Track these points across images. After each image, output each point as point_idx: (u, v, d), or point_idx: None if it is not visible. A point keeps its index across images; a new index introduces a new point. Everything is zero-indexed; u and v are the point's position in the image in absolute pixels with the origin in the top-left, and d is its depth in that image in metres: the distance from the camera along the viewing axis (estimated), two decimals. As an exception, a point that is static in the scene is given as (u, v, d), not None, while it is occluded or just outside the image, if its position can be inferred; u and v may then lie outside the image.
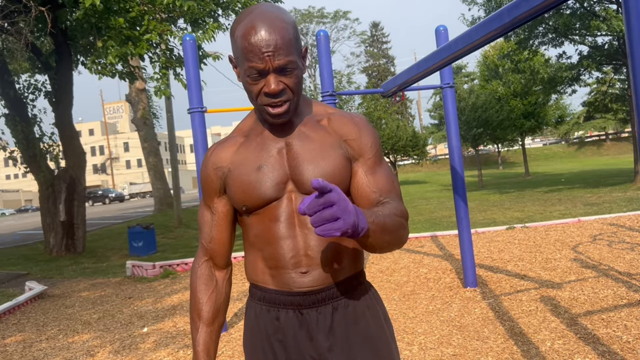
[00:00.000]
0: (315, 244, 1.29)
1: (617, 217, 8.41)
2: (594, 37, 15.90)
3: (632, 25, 1.52)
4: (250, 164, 1.32)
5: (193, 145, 4.65)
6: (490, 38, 3.33)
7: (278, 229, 1.30)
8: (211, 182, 1.40)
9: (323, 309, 1.32)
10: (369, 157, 1.34)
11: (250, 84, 1.24)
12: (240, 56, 1.23)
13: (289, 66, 1.22)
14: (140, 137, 19.48)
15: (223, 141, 1.42)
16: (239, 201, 1.33)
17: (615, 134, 53.03)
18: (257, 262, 1.37)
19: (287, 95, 1.25)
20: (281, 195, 1.31)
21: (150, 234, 11.32)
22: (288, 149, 1.32)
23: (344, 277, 1.34)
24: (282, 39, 1.19)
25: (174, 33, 6.94)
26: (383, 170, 1.35)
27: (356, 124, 1.36)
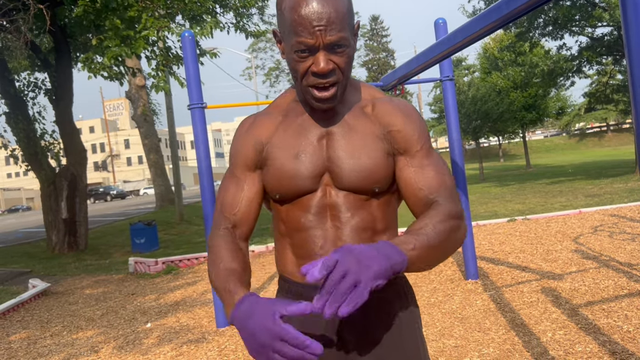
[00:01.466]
0: (347, 235, 1.21)
1: (618, 208, 8.42)
2: (594, 27, 15.85)
3: (629, 17, 1.52)
4: (289, 150, 1.23)
5: (194, 142, 4.65)
6: (489, 30, 3.33)
7: (309, 219, 1.22)
8: (247, 153, 1.28)
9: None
10: (416, 149, 1.21)
11: (296, 61, 1.12)
12: (287, 30, 1.11)
13: (341, 43, 1.09)
14: (140, 134, 19.48)
15: (261, 115, 1.31)
16: (273, 189, 1.25)
17: (616, 125, 52.94)
18: (286, 251, 1.29)
19: (337, 76, 1.13)
20: (316, 187, 1.22)
21: (152, 231, 11.34)
22: (329, 139, 1.22)
23: None
24: (336, 12, 1.07)
25: (172, 29, 6.93)
26: (433, 163, 1.22)
27: (402, 112, 1.24)
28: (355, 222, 1.21)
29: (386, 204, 1.26)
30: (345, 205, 1.21)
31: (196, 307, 5.43)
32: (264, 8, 15.98)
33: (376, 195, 1.23)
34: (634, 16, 1.50)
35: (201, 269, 7.78)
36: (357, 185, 1.20)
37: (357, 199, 1.21)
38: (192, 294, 6.08)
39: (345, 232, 1.21)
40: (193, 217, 17.19)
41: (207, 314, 5.11)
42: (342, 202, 1.21)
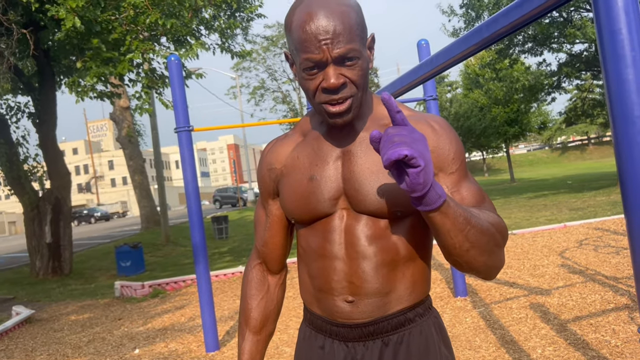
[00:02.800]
0: (364, 271, 1.12)
1: (602, 221, 8.53)
2: (572, 44, 16.21)
3: (603, 33, 1.57)
4: (303, 172, 1.17)
5: (181, 164, 4.65)
6: (471, 52, 3.39)
7: (325, 247, 1.15)
8: (265, 183, 1.29)
9: (371, 344, 1.15)
10: (451, 171, 1.11)
11: (306, 79, 1.07)
12: (295, 49, 1.06)
13: (350, 55, 1.03)
14: (125, 155, 19.37)
15: (282, 138, 1.29)
16: (288, 212, 1.22)
17: (597, 138, 53.83)
18: (306, 279, 1.24)
19: (350, 90, 1.06)
20: (333, 211, 1.15)
21: (138, 253, 11.22)
22: (345, 159, 1.14)
23: (399, 308, 1.14)
24: (343, 23, 1.02)
25: (157, 52, 6.96)
26: (470, 185, 1.12)
27: (433, 129, 1.13)
28: (372, 253, 1.12)
29: (412, 229, 1.14)
30: (364, 232, 1.12)
31: (185, 332, 5.37)
32: (247, 29, 16.11)
33: (399, 220, 1.12)
34: (607, 27, 1.56)
35: (189, 292, 7.71)
36: (375, 209, 1.10)
37: (377, 226, 1.12)
38: (180, 319, 6.02)
39: (362, 266, 1.12)
40: (179, 238, 17.05)
41: (196, 339, 5.06)
42: (360, 229, 1.12)
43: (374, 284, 1.12)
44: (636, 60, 1.56)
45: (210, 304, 4.53)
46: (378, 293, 1.12)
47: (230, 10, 9.42)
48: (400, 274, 1.13)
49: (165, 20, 6.38)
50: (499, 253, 1.04)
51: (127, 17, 6.95)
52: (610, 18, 1.55)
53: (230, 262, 10.69)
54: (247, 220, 23.06)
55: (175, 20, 6.51)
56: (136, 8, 6.62)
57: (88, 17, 6.54)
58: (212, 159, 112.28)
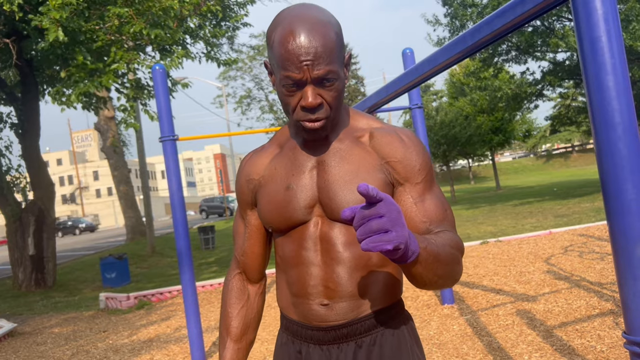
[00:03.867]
0: (338, 275, 1.16)
1: (587, 228, 8.61)
2: (555, 53, 16.44)
3: (583, 40, 1.59)
4: (280, 182, 1.22)
5: (166, 174, 4.61)
6: (455, 60, 3.42)
7: (301, 254, 1.20)
8: (243, 193, 1.33)
9: (345, 346, 1.19)
10: (417, 181, 1.16)
11: (285, 95, 1.12)
12: (276, 63, 1.11)
13: (329, 77, 1.08)
14: (110, 165, 19.21)
15: (259, 150, 1.34)
16: (265, 221, 1.25)
17: (580, 145, 54.53)
18: (283, 286, 1.28)
19: (325, 111, 1.12)
20: (308, 219, 1.19)
21: (123, 264, 11.10)
22: (320, 169, 1.19)
23: (372, 310, 1.19)
24: (324, 45, 1.06)
25: (142, 61, 6.92)
26: (434, 196, 1.18)
27: (402, 141, 1.18)
28: (346, 259, 1.16)
29: None
30: (338, 238, 1.17)
31: (171, 344, 5.31)
32: (233, 37, 16.12)
33: None
34: (589, 42, 1.57)
35: (174, 303, 7.63)
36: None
37: (350, 232, 1.17)
38: (166, 330, 5.94)
39: (336, 270, 1.16)
40: (165, 249, 16.91)
41: (182, 350, 5.00)
42: (334, 235, 1.17)
43: (348, 288, 1.16)
44: (616, 67, 1.58)
45: (196, 315, 4.48)
46: (352, 296, 1.16)
47: (216, 19, 9.41)
48: (373, 277, 1.17)
49: (150, 30, 6.35)
50: (459, 268, 1.09)
51: (112, 26, 6.91)
52: (591, 25, 1.57)
53: (217, 272, 10.62)
54: (234, 230, 22.91)
55: (160, 30, 6.48)
56: (121, 18, 6.59)
57: (72, 28, 6.49)
58: (199, 168, 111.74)
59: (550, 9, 2.16)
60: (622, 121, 1.56)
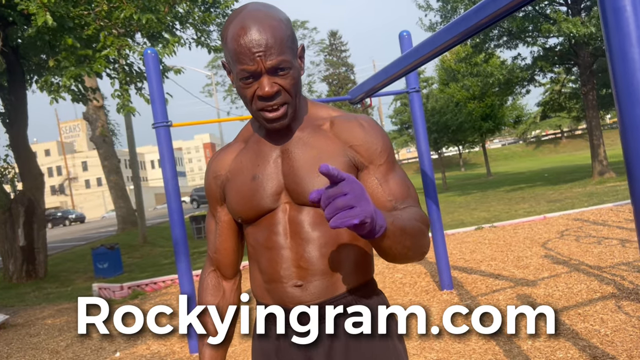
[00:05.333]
0: (309, 254, 1.20)
1: (581, 212, 8.62)
2: (546, 38, 16.39)
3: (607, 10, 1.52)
4: (246, 174, 1.26)
5: (159, 161, 4.52)
6: (457, 41, 3.34)
7: (272, 239, 1.23)
8: (212, 191, 1.36)
9: (321, 326, 1.22)
10: (380, 163, 1.23)
11: (243, 87, 1.17)
12: (231, 59, 1.17)
13: (282, 66, 1.14)
14: (99, 155, 18.98)
15: (225, 148, 1.38)
16: (235, 212, 1.29)
17: (570, 131, 54.84)
18: (256, 275, 1.31)
19: (284, 97, 1.17)
20: (276, 206, 1.24)
21: (116, 254, 11.00)
22: (284, 157, 1.24)
23: (345, 289, 1.22)
24: (274, 37, 1.13)
25: (133, 47, 6.76)
26: (397, 176, 1.24)
27: (362, 126, 1.25)
28: (316, 237, 1.20)
29: None
30: (306, 220, 1.21)
31: (168, 334, 5.24)
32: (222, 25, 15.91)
33: None
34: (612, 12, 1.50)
35: (169, 292, 7.55)
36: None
37: (318, 214, 1.20)
38: (160, 320, 5.87)
39: (307, 249, 1.20)
40: (157, 239, 16.80)
41: (179, 340, 4.93)
42: (302, 218, 1.21)
43: (319, 266, 1.19)
44: (641, 39, 1.50)
45: (193, 303, 4.40)
46: (324, 274, 1.20)
47: (205, 5, 9.24)
48: (343, 255, 1.21)
49: (141, 14, 6.19)
50: (426, 240, 1.16)
51: (101, 12, 6.75)
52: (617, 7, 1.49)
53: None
54: (225, 219, 22.84)
55: (151, 15, 6.33)
56: (110, 2, 6.42)
57: (60, 13, 6.32)
58: (188, 158, 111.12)
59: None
60: (648, 95, 1.49)
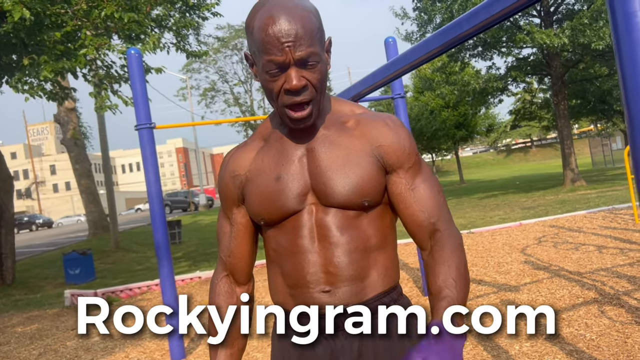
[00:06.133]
0: (338, 259, 1.15)
1: (556, 219, 8.77)
2: (520, 49, 16.73)
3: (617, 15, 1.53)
4: (269, 173, 1.20)
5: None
6: (448, 46, 3.36)
7: (297, 243, 1.17)
8: (229, 191, 1.28)
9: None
10: (409, 166, 1.19)
11: (268, 81, 1.11)
12: (257, 50, 1.11)
13: (311, 58, 1.09)
14: (70, 158, 18.53)
15: (242, 145, 1.30)
16: (256, 214, 1.22)
17: (539, 140, 56.02)
18: (277, 280, 1.24)
19: (310, 93, 1.11)
20: (302, 207, 1.18)
21: (88, 260, 10.73)
22: (309, 156, 1.19)
23: (374, 294, 1.18)
24: (304, 27, 1.07)
25: (113, 47, 6.61)
26: (426, 180, 1.20)
27: (388, 126, 1.20)
28: (345, 242, 1.16)
29: (379, 219, 1.20)
30: (334, 223, 1.16)
31: (145, 340, 5.10)
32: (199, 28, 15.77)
33: (366, 210, 1.18)
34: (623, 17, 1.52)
35: (144, 299, 7.38)
36: (344, 200, 1.15)
37: (346, 216, 1.16)
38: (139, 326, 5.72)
39: (336, 254, 1.15)
40: (130, 244, 16.48)
41: (159, 347, 4.81)
42: (330, 221, 1.16)
43: (349, 271, 1.15)
44: (652, 44, 1.52)
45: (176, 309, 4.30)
46: (353, 279, 1.16)
47: (186, 6, 9.13)
48: (372, 260, 1.18)
49: (122, 13, 6.06)
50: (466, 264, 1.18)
51: (79, 10, 6.60)
52: (626, 0, 1.50)
53: (186, 267, 10.37)
54: (200, 224, 22.58)
55: (133, 14, 6.20)
56: (89, 1, 6.28)
57: (37, 10, 6.16)
58: (161, 162, 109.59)
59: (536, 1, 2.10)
60: (659, 99, 1.50)
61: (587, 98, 22.02)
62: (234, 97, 37.19)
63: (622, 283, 4.56)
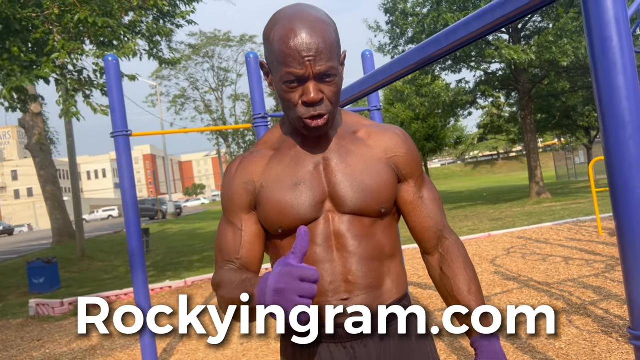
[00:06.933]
0: (356, 268, 1.18)
1: (523, 231, 8.99)
2: (489, 63, 17.15)
3: (594, 40, 1.62)
4: (286, 182, 1.20)
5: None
6: (427, 62, 3.44)
7: (314, 252, 1.18)
8: (239, 197, 1.25)
9: (369, 340, 1.20)
10: (418, 175, 1.27)
11: (286, 92, 1.13)
12: (276, 61, 1.12)
13: (330, 72, 1.11)
14: (35, 164, 18.06)
15: (249, 154, 1.29)
16: (273, 223, 1.20)
17: (505, 153, 57.28)
18: None
19: (326, 105, 1.14)
20: (319, 215, 1.19)
21: (53, 269, 10.46)
22: (326, 164, 1.21)
23: (389, 302, 1.22)
24: (325, 42, 1.09)
25: (86, 52, 6.51)
26: (430, 190, 1.29)
27: (400, 137, 1.27)
28: (362, 251, 1.19)
29: (390, 227, 1.26)
30: (351, 232, 1.19)
31: (116, 351, 5.02)
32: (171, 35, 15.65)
33: (382, 217, 1.22)
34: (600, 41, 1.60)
35: (113, 308, 7.23)
36: (361, 207, 1.18)
37: (362, 224, 1.19)
38: (109, 337, 5.62)
39: (354, 263, 1.18)
40: (96, 252, 16.13)
41: (130, 357, 4.73)
42: (347, 229, 1.19)
43: (367, 280, 1.18)
44: (626, 67, 1.60)
45: (148, 320, 4.24)
46: (370, 288, 1.18)
47: (160, 14, 9.06)
48: (386, 268, 1.22)
49: (97, 18, 5.97)
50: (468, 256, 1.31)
51: (51, 14, 6.49)
52: (602, 25, 1.59)
53: (154, 277, 10.21)
54: (168, 233, 22.27)
55: (107, 19, 6.12)
56: (62, 5, 6.17)
57: (6, 14, 6.03)
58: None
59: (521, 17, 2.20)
60: (632, 120, 1.58)
61: (552, 113, 22.71)
62: (205, 104, 36.92)
63: (589, 293, 4.71)
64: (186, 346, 4.82)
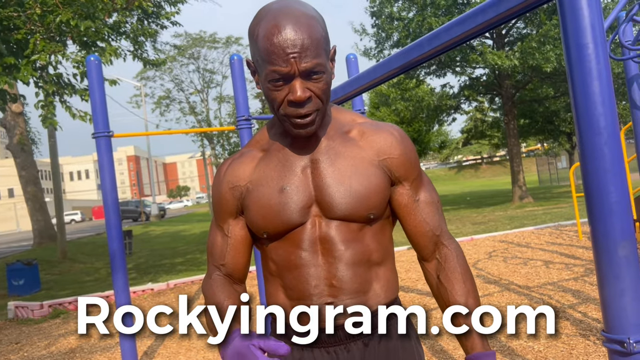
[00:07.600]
0: (342, 273, 1.15)
1: (505, 235, 9.08)
2: (473, 69, 17.32)
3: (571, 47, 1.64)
4: (272, 185, 1.16)
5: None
6: (409, 66, 3.47)
7: (300, 256, 1.15)
8: (226, 202, 1.22)
9: (353, 345, 1.17)
10: (414, 177, 1.21)
11: (271, 90, 1.08)
12: (260, 59, 1.07)
13: (316, 69, 1.06)
14: (16, 164, 17.82)
15: (238, 156, 1.25)
16: (259, 227, 1.18)
17: (489, 157, 57.82)
18: (278, 293, 1.21)
19: (315, 104, 1.09)
20: (305, 220, 1.15)
21: (33, 271, 10.32)
22: (314, 168, 1.16)
23: (375, 307, 1.18)
24: (310, 37, 1.04)
25: (67, 55, 6.43)
26: (429, 192, 1.23)
27: (395, 137, 1.19)
28: (349, 256, 1.15)
29: (381, 232, 1.21)
30: (338, 237, 1.15)
31: (96, 354, 4.96)
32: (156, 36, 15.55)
33: (370, 223, 1.18)
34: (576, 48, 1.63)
35: (94, 311, 7.15)
36: (349, 213, 1.14)
37: (350, 230, 1.16)
38: (89, 339, 5.55)
39: (340, 268, 1.15)
40: (78, 254, 15.93)
41: (110, 361, 4.69)
42: (333, 234, 1.15)
43: (352, 285, 1.15)
44: (601, 74, 1.63)
45: (130, 321, 4.21)
46: (356, 292, 1.15)
47: (144, 14, 9.00)
48: (374, 273, 1.18)
49: (79, 21, 5.91)
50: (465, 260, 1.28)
51: (33, 14, 6.41)
52: (578, 33, 1.62)
53: (136, 280, 10.12)
54: (151, 235, 22.09)
55: (91, 22, 6.06)
56: (44, 6, 6.10)
57: (-14, 14, 5.95)
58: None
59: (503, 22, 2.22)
60: (607, 125, 1.61)
61: (535, 118, 22.97)
62: (190, 106, 36.74)
63: (568, 297, 4.77)
64: (167, 349, 4.79)
